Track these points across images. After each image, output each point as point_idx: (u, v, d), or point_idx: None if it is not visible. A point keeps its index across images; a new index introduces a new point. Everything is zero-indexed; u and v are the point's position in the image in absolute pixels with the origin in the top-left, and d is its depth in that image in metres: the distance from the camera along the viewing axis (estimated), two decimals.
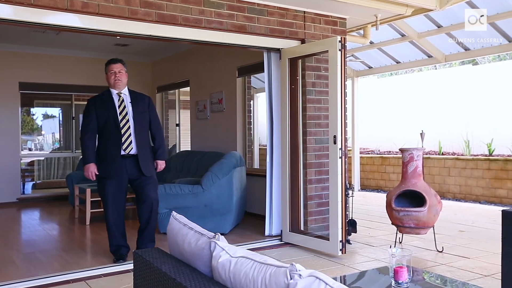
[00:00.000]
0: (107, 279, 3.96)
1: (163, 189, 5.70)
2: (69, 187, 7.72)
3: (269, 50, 5.19)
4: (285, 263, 1.47)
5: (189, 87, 8.37)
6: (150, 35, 4.33)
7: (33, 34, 7.27)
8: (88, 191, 6.40)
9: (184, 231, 2.04)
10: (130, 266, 4.14)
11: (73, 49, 8.64)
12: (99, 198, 6.58)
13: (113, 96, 4.26)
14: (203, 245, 1.85)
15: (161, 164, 4.41)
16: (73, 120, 9.95)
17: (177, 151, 9.02)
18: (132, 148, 4.19)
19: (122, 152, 4.15)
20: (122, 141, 4.14)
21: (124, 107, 4.22)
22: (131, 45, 8.24)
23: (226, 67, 7.31)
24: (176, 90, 9.42)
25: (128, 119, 4.19)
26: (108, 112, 4.17)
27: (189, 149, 8.40)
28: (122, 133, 4.15)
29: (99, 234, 5.81)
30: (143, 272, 2.03)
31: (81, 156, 9.13)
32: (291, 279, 1.37)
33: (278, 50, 5.16)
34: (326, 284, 1.28)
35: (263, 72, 5.34)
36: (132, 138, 4.19)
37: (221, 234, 2.89)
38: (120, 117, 4.17)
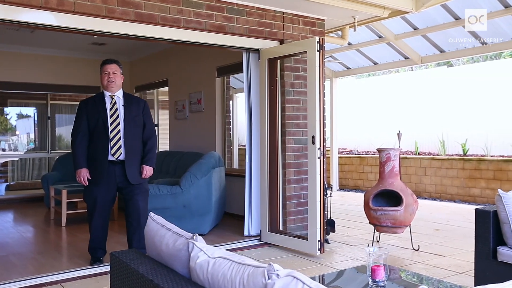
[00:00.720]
0: (83, 281, 3.89)
1: None
2: (45, 188, 7.57)
3: (248, 50, 5.20)
4: (263, 263, 1.47)
5: (167, 87, 8.31)
6: (128, 34, 4.28)
7: (6, 31, 7.10)
8: (64, 192, 6.28)
9: (162, 232, 2.03)
10: (106, 268, 4.09)
11: (49, 47, 8.47)
12: (76, 200, 6.54)
13: (105, 98, 4.07)
14: (181, 246, 1.84)
15: (148, 170, 4.14)
16: (49, 120, 9.76)
17: (156, 152, 8.92)
18: (121, 154, 3.99)
19: (111, 158, 3.97)
20: (111, 146, 3.96)
21: (116, 110, 4.03)
22: (109, 44, 8.12)
23: (205, 67, 7.28)
24: (155, 90, 9.34)
25: (119, 122, 3.99)
26: (99, 114, 3.99)
27: (168, 149, 8.34)
28: (111, 137, 3.96)
29: (75, 236, 5.72)
30: (120, 274, 2.00)
31: (57, 157, 8.99)
32: (269, 279, 1.37)
33: (257, 51, 5.17)
34: (304, 283, 1.29)
35: (242, 72, 5.34)
36: (121, 143, 3.98)
37: (200, 234, 2.90)
38: (110, 120, 3.98)
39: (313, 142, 4.51)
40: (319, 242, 4.51)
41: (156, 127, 9.40)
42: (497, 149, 8.39)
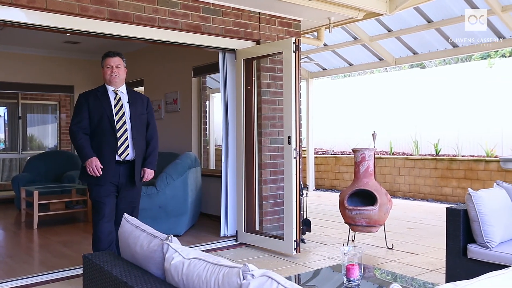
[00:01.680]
0: (55, 285, 3.81)
1: None
2: (15, 190, 7.38)
3: (224, 50, 5.19)
4: (239, 263, 1.47)
5: (143, 87, 8.21)
6: (102, 33, 4.21)
7: None
8: (36, 193, 6.14)
9: (136, 233, 2.00)
10: (79, 271, 4.01)
11: (20, 45, 8.25)
12: (48, 201, 6.41)
13: (108, 93, 3.68)
14: (156, 247, 1.82)
15: (149, 174, 3.78)
16: (20, 120, 9.51)
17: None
18: (128, 154, 3.63)
19: (117, 158, 3.60)
20: (118, 145, 3.58)
21: (121, 106, 3.66)
22: (82, 43, 7.98)
23: (181, 67, 7.23)
24: None
25: (125, 120, 3.63)
26: (103, 110, 3.60)
27: None
28: (118, 136, 3.58)
29: (47, 239, 5.59)
30: (93, 276, 1.97)
31: (28, 157, 8.78)
32: (243, 279, 1.37)
33: (233, 51, 5.16)
34: (278, 283, 1.29)
35: (219, 72, 5.33)
36: (129, 142, 3.63)
37: (176, 235, 2.87)
38: (116, 118, 3.60)
39: (289, 142, 4.53)
40: (295, 242, 4.53)
41: None
42: (467, 149, 8.60)
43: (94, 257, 2.01)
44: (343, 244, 4.97)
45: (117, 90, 3.71)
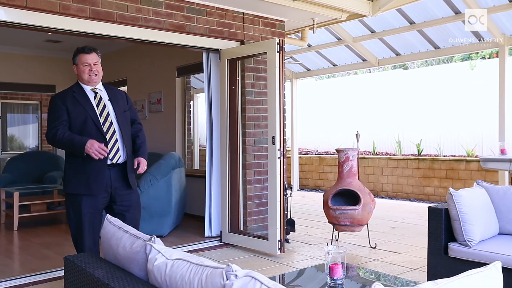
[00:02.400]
0: (36, 287, 3.75)
1: None
2: None
3: (209, 50, 5.17)
4: (224, 264, 1.47)
5: (126, 87, 8.14)
6: (84, 32, 4.16)
7: None
8: (16, 194, 6.04)
9: (119, 234, 1.99)
10: (61, 273, 3.95)
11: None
12: (28, 202, 6.30)
13: (86, 92, 3.31)
14: (138, 248, 1.81)
15: (144, 164, 3.43)
16: (0, 120, 9.34)
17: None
18: (120, 156, 3.28)
19: (108, 162, 3.24)
20: (109, 148, 3.21)
21: (104, 106, 3.30)
22: (64, 42, 7.87)
23: (165, 67, 7.18)
24: None
25: (111, 121, 3.28)
26: (85, 113, 3.21)
27: None
28: (108, 138, 3.22)
29: (28, 241, 5.50)
30: (75, 278, 1.94)
31: (8, 158, 8.63)
32: (227, 279, 1.37)
33: (217, 51, 5.15)
34: (262, 283, 1.29)
35: (203, 72, 5.31)
36: (119, 144, 3.29)
37: (160, 236, 2.85)
38: (101, 119, 3.24)
39: (273, 143, 4.54)
40: (279, 242, 4.54)
41: None
42: (449, 149, 8.74)
43: (75, 258, 1.98)
44: (327, 244, 5.00)
45: (95, 89, 3.36)
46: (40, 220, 6.68)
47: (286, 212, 5.11)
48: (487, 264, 1.42)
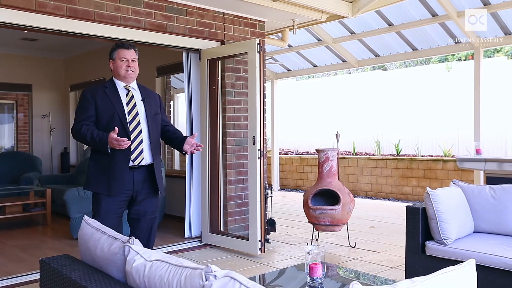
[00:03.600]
0: None
1: (77, 192, 5.44)
2: None
3: (189, 50, 5.15)
4: (204, 264, 1.46)
5: None
6: (61, 31, 4.09)
7: None
8: None
9: (97, 235, 1.96)
10: (36, 276, 3.88)
11: None
12: (4, 204, 6.15)
13: (118, 89, 3.21)
14: (117, 250, 1.78)
15: (194, 142, 3.29)
16: None
17: None
18: (142, 159, 3.16)
19: (130, 163, 3.13)
20: (132, 149, 3.10)
21: (134, 105, 3.19)
22: (41, 40, 7.73)
23: (144, 67, 7.04)
24: None
25: (139, 121, 3.16)
26: (113, 110, 3.12)
27: None
28: (132, 138, 3.11)
29: (2, 243, 5.38)
30: (51, 281, 1.91)
31: None
32: (206, 280, 1.36)
33: (197, 51, 5.13)
34: (241, 283, 1.29)
35: (183, 72, 5.28)
36: (144, 145, 3.16)
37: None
38: (128, 118, 3.14)
39: (254, 143, 4.54)
40: (260, 242, 4.55)
41: None
42: (427, 149, 8.89)
43: (51, 261, 1.95)
44: (307, 244, 5.02)
45: (129, 86, 3.25)
46: (15, 222, 6.55)
47: (266, 212, 5.12)
48: (463, 261, 1.45)
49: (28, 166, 7.87)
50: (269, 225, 5.24)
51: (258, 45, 4.54)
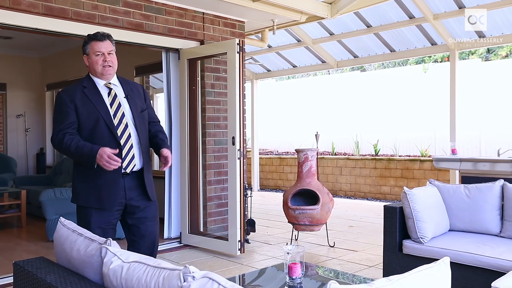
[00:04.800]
0: None
1: (53, 193, 5.34)
2: None
3: (168, 50, 5.11)
4: (183, 265, 1.45)
5: None
6: (37, 29, 4.01)
7: None
8: None
9: (73, 237, 1.93)
10: (10, 279, 3.79)
11: None
12: None
13: (99, 88, 2.81)
14: (93, 252, 1.76)
15: (169, 154, 2.92)
16: None
17: None
18: (135, 164, 2.82)
19: (122, 171, 2.79)
20: (123, 155, 2.75)
21: (119, 105, 2.80)
22: (16, 38, 7.57)
23: (123, 66, 6.95)
24: None
25: (126, 123, 2.79)
26: (97, 113, 2.73)
27: None
28: (122, 143, 2.76)
29: None
30: (25, 285, 1.87)
31: None
32: (184, 281, 1.36)
33: (177, 50, 5.10)
34: (219, 284, 1.29)
35: (162, 72, 5.24)
36: (135, 149, 2.81)
37: (117, 239, 2.74)
38: (115, 121, 2.76)
39: (233, 143, 4.54)
40: (239, 242, 4.54)
41: None
42: (404, 149, 9.02)
43: (26, 264, 1.91)
44: (286, 243, 5.04)
45: (109, 84, 2.84)
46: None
47: (246, 213, 5.12)
48: (438, 259, 1.48)
49: (2, 167, 7.69)
50: (249, 225, 5.24)
51: (238, 45, 4.54)
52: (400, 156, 8.80)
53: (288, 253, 2.48)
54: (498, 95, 8.17)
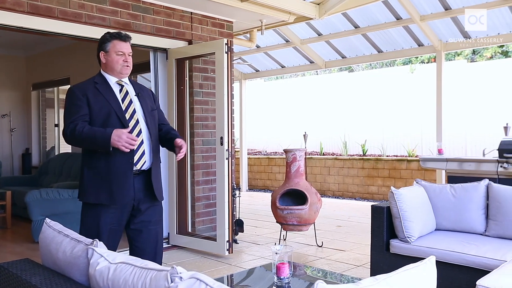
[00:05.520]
0: None
1: (39, 194, 5.28)
2: None
3: (156, 49, 5.08)
4: (170, 266, 1.44)
5: (69, 85, 7.84)
6: (22, 28, 3.96)
7: None
8: None
9: (59, 238, 1.90)
10: None
11: None
12: None
13: (111, 85, 2.81)
14: (80, 253, 1.74)
15: (183, 143, 2.86)
16: None
17: (56, 154, 8.40)
18: (145, 162, 2.77)
19: (133, 167, 2.74)
20: (134, 150, 2.71)
21: (130, 102, 2.81)
22: (0, 37, 7.46)
23: None
24: (55, 88, 8.77)
25: (137, 119, 2.78)
26: (109, 107, 2.73)
27: (70, 151, 7.87)
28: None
29: None
30: (10, 287, 1.84)
31: None
32: (171, 282, 1.35)
33: (165, 50, 5.08)
34: (207, 285, 1.29)
35: (150, 72, 5.21)
36: (145, 147, 2.78)
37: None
38: (127, 115, 2.75)
39: (222, 143, 4.53)
40: (228, 243, 4.54)
41: (56, 128, 8.83)
42: (392, 149, 9.10)
43: (10, 266, 1.88)
44: (275, 244, 5.05)
45: (121, 81, 2.86)
46: None
47: (234, 213, 5.11)
48: (425, 258, 1.49)
49: None
50: (237, 226, 5.24)
51: (226, 45, 4.53)
52: (387, 156, 8.87)
53: (276, 253, 2.48)
54: (483, 95, 8.28)
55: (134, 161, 2.70)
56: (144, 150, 2.76)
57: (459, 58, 11.79)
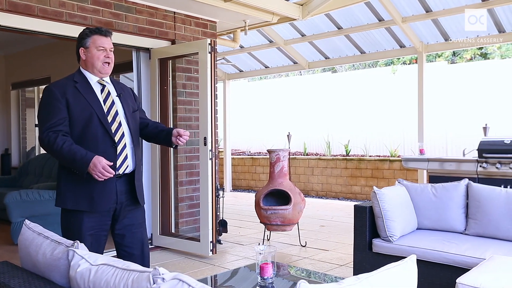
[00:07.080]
0: None
1: (18, 195, 5.18)
2: None
3: (138, 49, 5.04)
4: (152, 267, 1.43)
5: None
6: (0, 25, 3.88)
7: None
8: None
9: (39, 240, 1.87)
10: None
11: None
12: None
13: (91, 84, 2.64)
14: (60, 255, 1.72)
15: (181, 129, 2.80)
16: None
17: (36, 154, 8.26)
18: (128, 165, 2.66)
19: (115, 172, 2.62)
20: (117, 154, 2.60)
21: (112, 103, 2.65)
22: None
23: None
24: (35, 88, 8.61)
25: (120, 122, 2.64)
26: (90, 109, 2.56)
27: None
28: (116, 141, 2.60)
29: None
30: None
31: None
32: (154, 283, 1.34)
33: (147, 50, 5.04)
34: (189, 285, 1.28)
35: (132, 71, 5.17)
36: (128, 150, 2.65)
37: None
38: (109, 118, 2.61)
39: (205, 144, 4.52)
40: (211, 243, 4.52)
41: (36, 128, 8.68)
42: (374, 150, 9.19)
43: None
44: (258, 244, 5.05)
45: (103, 81, 2.69)
46: None
47: (218, 213, 5.10)
48: (406, 257, 1.51)
49: None
50: (221, 226, 5.22)
51: (210, 45, 4.52)
52: (370, 156, 8.95)
53: (260, 253, 2.48)
54: (464, 96, 8.43)
55: (118, 165, 2.60)
56: (126, 154, 2.65)
57: (440, 59, 11.97)
